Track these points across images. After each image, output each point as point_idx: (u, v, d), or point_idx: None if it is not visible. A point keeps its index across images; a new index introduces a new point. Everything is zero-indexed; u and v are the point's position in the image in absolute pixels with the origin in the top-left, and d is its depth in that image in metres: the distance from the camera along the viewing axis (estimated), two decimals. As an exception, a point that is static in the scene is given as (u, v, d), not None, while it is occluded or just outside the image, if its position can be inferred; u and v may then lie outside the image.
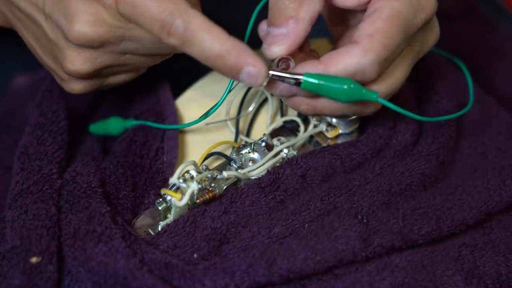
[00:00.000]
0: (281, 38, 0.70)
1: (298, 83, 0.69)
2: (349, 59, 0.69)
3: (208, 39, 0.65)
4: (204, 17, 0.66)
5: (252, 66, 0.66)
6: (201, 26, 0.66)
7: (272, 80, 0.71)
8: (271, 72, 0.69)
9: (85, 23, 0.69)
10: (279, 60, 0.71)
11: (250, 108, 0.77)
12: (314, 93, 0.70)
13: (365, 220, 0.71)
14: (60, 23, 0.70)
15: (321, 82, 0.69)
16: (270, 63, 0.71)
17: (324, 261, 0.69)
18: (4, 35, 0.88)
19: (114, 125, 0.81)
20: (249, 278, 0.67)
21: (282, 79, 0.70)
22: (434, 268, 0.72)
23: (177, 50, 0.70)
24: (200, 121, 0.77)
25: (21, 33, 0.77)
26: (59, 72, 0.75)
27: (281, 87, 0.71)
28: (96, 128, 0.82)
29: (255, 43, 0.73)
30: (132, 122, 0.80)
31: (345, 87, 0.68)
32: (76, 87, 0.75)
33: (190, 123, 0.78)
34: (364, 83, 0.70)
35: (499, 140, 0.83)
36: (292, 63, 0.71)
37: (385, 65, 0.70)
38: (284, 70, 0.71)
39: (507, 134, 0.83)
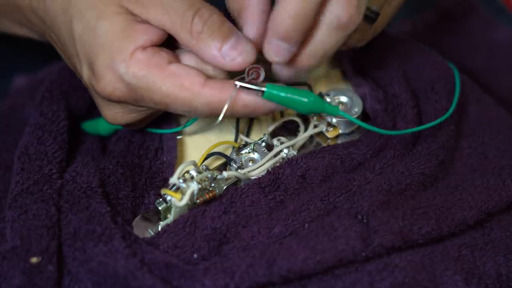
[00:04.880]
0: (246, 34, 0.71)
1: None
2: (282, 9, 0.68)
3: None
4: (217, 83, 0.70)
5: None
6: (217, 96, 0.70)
7: (238, 91, 0.71)
8: (237, 83, 0.70)
9: (108, 115, 0.74)
10: (249, 70, 0.71)
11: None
12: (277, 103, 0.71)
13: (365, 220, 0.71)
14: (90, 77, 0.72)
15: (283, 94, 0.71)
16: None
17: (324, 261, 0.69)
18: (4, 36, 0.88)
19: (103, 125, 0.81)
20: (249, 278, 0.67)
21: (248, 89, 0.71)
22: (434, 268, 0.72)
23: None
24: (188, 125, 0.78)
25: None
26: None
27: (246, 97, 0.71)
28: (88, 126, 0.82)
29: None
30: None
31: (306, 100, 0.71)
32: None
33: (181, 127, 0.79)
34: None
35: (499, 140, 0.82)
36: (262, 73, 0.72)
37: None
38: (255, 79, 0.72)
39: (507, 134, 0.83)
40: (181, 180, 0.72)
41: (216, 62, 0.71)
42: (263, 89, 0.70)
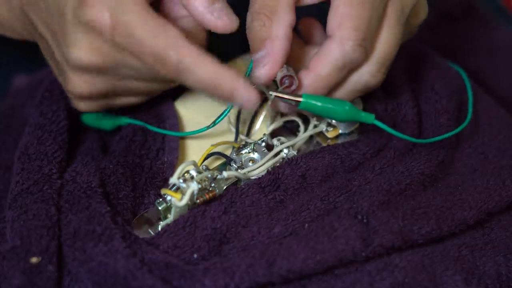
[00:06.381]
0: (261, 61, 0.72)
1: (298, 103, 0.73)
2: (332, 56, 0.72)
3: (201, 69, 0.68)
4: (197, 46, 0.68)
5: (244, 91, 0.68)
6: (194, 56, 0.68)
7: (275, 100, 0.74)
8: (272, 93, 0.73)
9: (81, 50, 0.71)
10: (283, 77, 0.73)
11: (257, 127, 0.81)
12: (312, 112, 0.73)
13: (365, 220, 0.71)
14: (61, 46, 0.72)
15: (319, 103, 0.73)
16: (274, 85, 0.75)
17: (324, 261, 0.69)
18: (4, 36, 0.88)
19: (106, 119, 0.81)
20: (249, 278, 0.67)
21: (283, 100, 0.73)
22: (434, 268, 0.72)
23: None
24: (202, 130, 0.79)
25: (41, 49, 0.79)
26: (66, 91, 0.77)
27: (283, 106, 0.75)
28: (88, 118, 0.82)
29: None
30: (126, 120, 0.80)
31: (342, 109, 0.73)
32: (81, 106, 0.77)
33: (192, 132, 0.80)
34: (358, 66, 0.73)
35: (499, 140, 0.82)
36: (295, 81, 0.73)
37: (367, 42, 0.72)
38: (288, 87, 0.73)
39: (507, 134, 0.83)
40: (181, 180, 0.72)
41: (202, 17, 0.72)
42: (300, 99, 0.72)
